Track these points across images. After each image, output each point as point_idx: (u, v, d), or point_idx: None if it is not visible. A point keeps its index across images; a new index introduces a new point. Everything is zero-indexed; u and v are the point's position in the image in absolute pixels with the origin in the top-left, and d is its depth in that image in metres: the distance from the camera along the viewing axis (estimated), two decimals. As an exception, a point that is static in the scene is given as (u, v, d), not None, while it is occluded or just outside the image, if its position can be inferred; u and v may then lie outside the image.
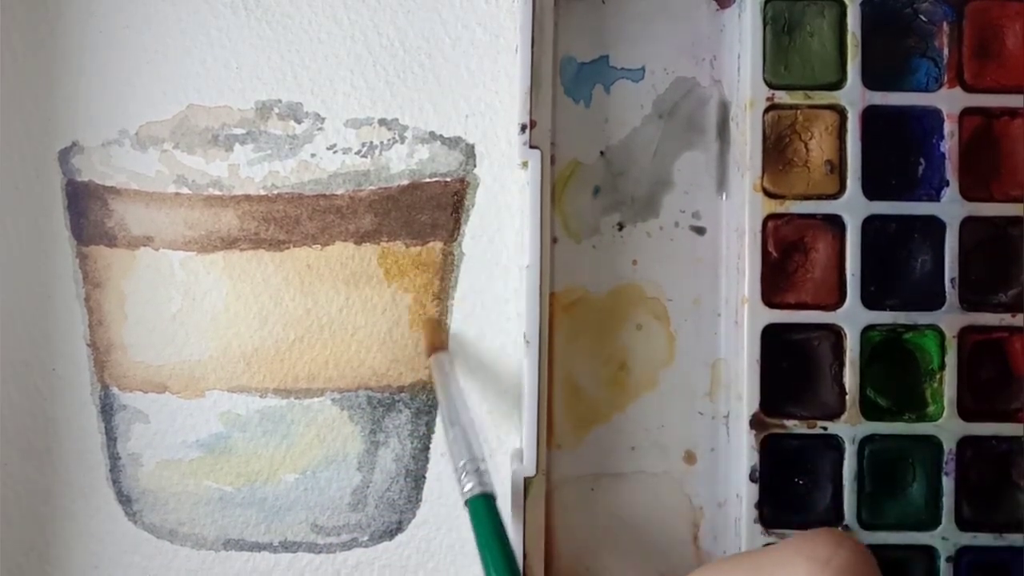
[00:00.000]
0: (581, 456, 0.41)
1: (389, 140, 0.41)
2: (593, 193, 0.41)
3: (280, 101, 0.41)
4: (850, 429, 0.39)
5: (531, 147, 0.39)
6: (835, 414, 0.39)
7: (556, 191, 0.41)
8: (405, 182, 0.41)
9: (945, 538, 0.39)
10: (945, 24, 0.40)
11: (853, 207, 0.39)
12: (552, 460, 0.41)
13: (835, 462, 0.39)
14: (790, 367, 0.40)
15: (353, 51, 0.41)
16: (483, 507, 0.34)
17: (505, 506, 0.40)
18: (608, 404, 0.41)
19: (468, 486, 0.34)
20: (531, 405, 0.39)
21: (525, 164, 0.39)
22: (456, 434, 0.36)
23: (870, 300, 0.39)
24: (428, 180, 0.41)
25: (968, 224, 0.39)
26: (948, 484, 0.39)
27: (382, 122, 0.41)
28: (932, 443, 0.39)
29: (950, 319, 0.39)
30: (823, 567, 0.28)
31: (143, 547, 0.41)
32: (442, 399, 0.38)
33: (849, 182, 0.39)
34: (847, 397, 0.39)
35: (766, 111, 0.39)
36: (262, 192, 0.41)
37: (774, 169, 0.40)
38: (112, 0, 0.41)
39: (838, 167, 0.39)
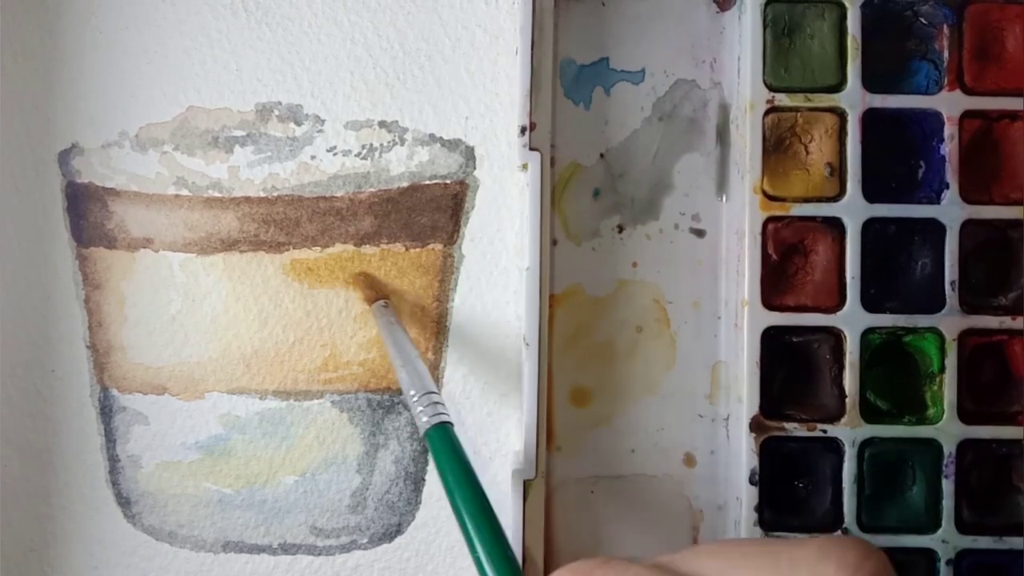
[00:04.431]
0: (581, 458, 0.41)
1: (389, 142, 0.41)
2: (593, 195, 0.41)
3: (280, 103, 0.41)
4: (850, 432, 0.39)
5: (531, 149, 0.39)
6: (835, 417, 0.39)
7: (556, 193, 0.41)
8: (405, 184, 0.41)
9: (945, 541, 0.39)
10: (945, 27, 0.40)
11: (853, 209, 0.39)
12: (552, 462, 0.41)
13: (835, 465, 0.39)
14: (790, 370, 0.40)
15: (353, 53, 0.41)
16: (441, 436, 0.35)
17: (506, 508, 0.40)
18: (608, 406, 0.41)
19: (424, 419, 0.36)
20: (531, 407, 0.39)
21: (525, 166, 0.39)
22: (409, 371, 0.37)
23: (870, 303, 0.39)
24: (428, 182, 0.41)
25: (968, 227, 0.39)
26: (948, 487, 0.39)
27: (382, 124, 0.41)
28: (932, 446, 0.39)
29: (950, 322, 0.39)
30: (853, 573, 0.28)
31: (142, 549, 0.41)
32: (389, 343, 0.39)
33: (849, 184, 0.39)
34: (847, 400, 0.39)
35: (766, 113, 0.39)
36: (262, 194, 0.41)
37: (774, 171, 0.40)
38: (112, 1, 0.41)
39: (838, 169, 0.39)
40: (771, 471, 0.39)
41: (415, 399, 0.36)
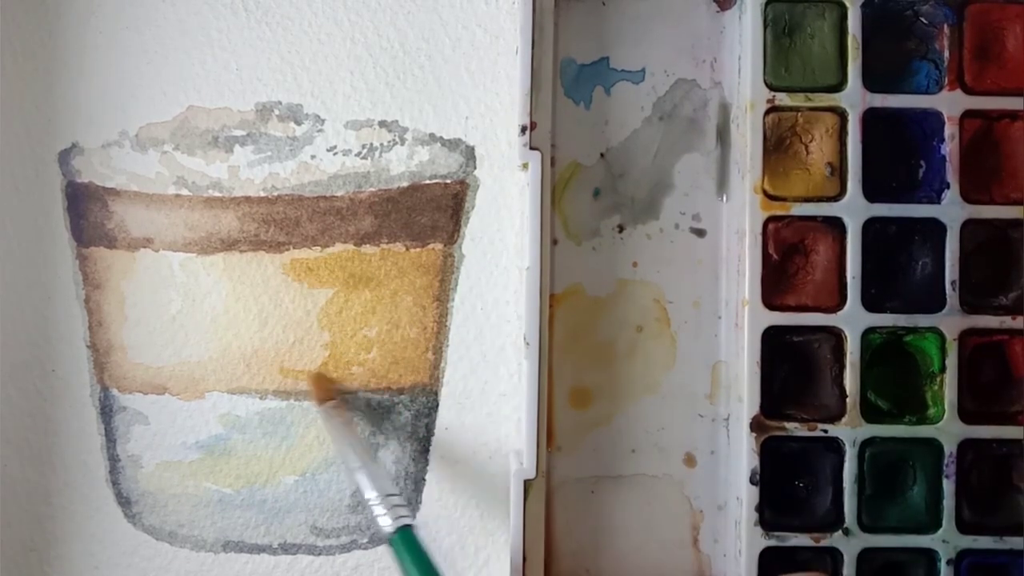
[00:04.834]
0: (581, 458, 0.41)
1: (389, 142, 0.41)
2: (593, 195, 0.41)
3: (280, 103, 0.41)
4: (851, 432, 0.39)
5: (531, 149, 0.39)
6: (835, 417, 0.39)
7: (556, 193, 0.41)
8: (405, 184, 0.41)
9: (945, 541, 0.39)
10: (946, 26, 0.40)
11: (853, 209, 0.39)
12: (552, 462, 0.40)
13: (835, 465, 0.39)
14: (790, 369, 0.39)
15: (353, 53, 0.41)
16: (405, 540, 0.35)
17: (506, 508, 0.40)
18: (608, 406, 0.41)
19: (387, 522, 0.35)
20: (531, 407, 0.39)
21: (525, 166, 0.39)
22: (368, 472, 0.37)
23: (871, 302, 0.39)
24: (428, 182, 0.41)
25: (968, 226, 0.39)
26: (948, 487, 0.39)
27: (382, 124, 0.41)
28: (933, 446, 0.39)
29: (950, 321, 0.39)
30: None
31: (143, 548, 0.41)
32: (343, 444, 0.39)
33: (850, 184, 0.39)
34: (847, 400, 0.39)
35: (766, 113, 0.39)
36: (262, 194, 0.41)
37: (774, 171, 0.39)
38: (112, 2, 0.41)
39: (838, 169, 0.39)
40: (772, 471, 0.39)
41: (375, 502, 0.36)
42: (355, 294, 0.41)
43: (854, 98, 0.39)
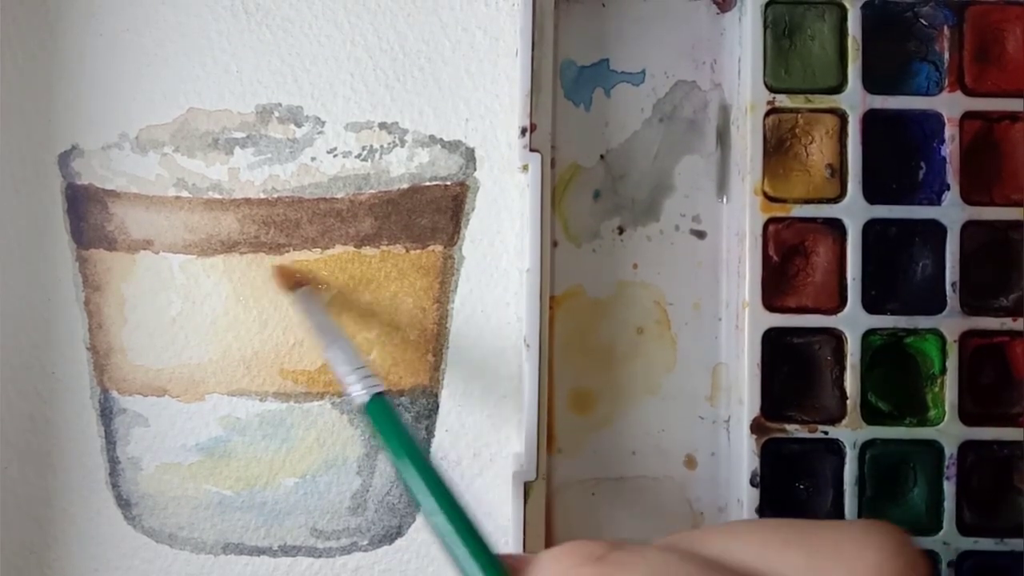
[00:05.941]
0: (582, 460, 0.41)
1: (389, 144, 0.41)
2: (593, 197, 0.41)
3: (280, 105, 0.41)
4: (851, 434, 0.39)
5: (531, 150, 0.39)
6: (836, 418, 0.39)
7: (556, 195, 0.41)
8: (405, 186, 0.41)
9: (946, 543, 0.39)
10: (946, 28, 0.40)
11: (854, 211, 0.39)
12: (552, 464, 0.40)
13: (836, 467, 0.39)
14: (791, 371, 0.39)
15: (353, 55, 0.41)
16: (381, 406, 0.35)
17: (507, 511, 0.39)
18: (609, 408, 0.41)
19: (359, 390, 0.35)
20: (531, 409, 0.39)
21: (525, 167, 0.39)
22: (336, 350, 0.37)
23: (871, 304, 0.39)
24: (428, 184, 0.41)
25: (969, 228, 0.39)
26: (949, 489, 0.39)
27: (382, 126, 0.41)
28: (933, 448, 0.39)
29: (951, 323, 0.39)
30: (892, 557, 0.27)
31: (142, 551, 0.41)
32: (313, 326, 0.39)
33: (850, 186, 0.39)
34: (848, 401, 0.39)
35: (767, 115, 0.39)
36: (262, 196, 0.41)
37: (775, 173, 0.39)
38: (112, 3, 0.41)
39: (839, 171, 0.39)
40: (772, 473, 0.39)
41: (348, 375, 0.36)
42: (355, 296, 0.41)
43: (854, 100, 0.39)
